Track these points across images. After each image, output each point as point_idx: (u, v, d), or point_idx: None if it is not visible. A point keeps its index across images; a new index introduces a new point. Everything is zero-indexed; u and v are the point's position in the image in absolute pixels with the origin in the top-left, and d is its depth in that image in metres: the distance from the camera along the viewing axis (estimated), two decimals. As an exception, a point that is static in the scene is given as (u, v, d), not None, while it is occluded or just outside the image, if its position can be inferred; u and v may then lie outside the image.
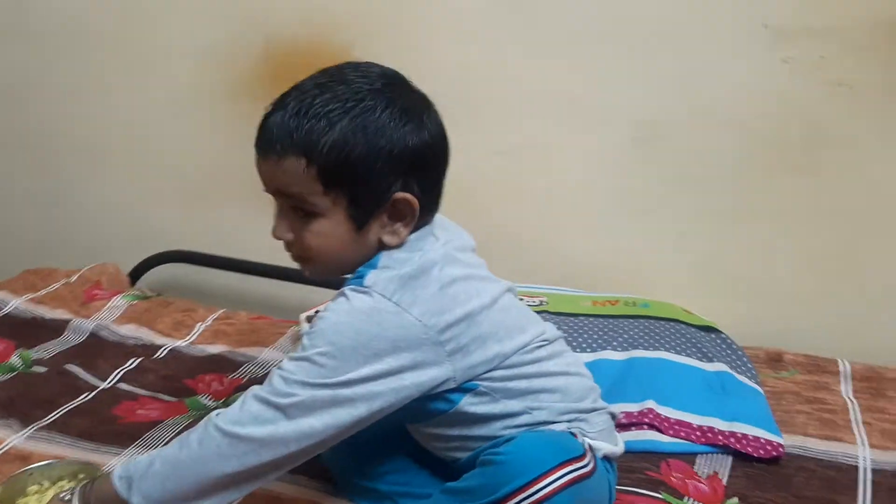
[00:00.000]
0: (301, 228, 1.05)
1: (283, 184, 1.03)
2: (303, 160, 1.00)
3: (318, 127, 1.00)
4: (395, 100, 1.02)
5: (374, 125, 1.00)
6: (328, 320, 1.01)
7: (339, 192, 1.02)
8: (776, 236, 1.72)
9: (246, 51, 1.95)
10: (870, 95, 1.60)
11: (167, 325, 1.81)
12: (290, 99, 1.03)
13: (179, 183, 2.12)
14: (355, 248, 1.05)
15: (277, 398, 0.98)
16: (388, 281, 1.01)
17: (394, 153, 1.01)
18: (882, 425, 1.44)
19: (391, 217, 1.04)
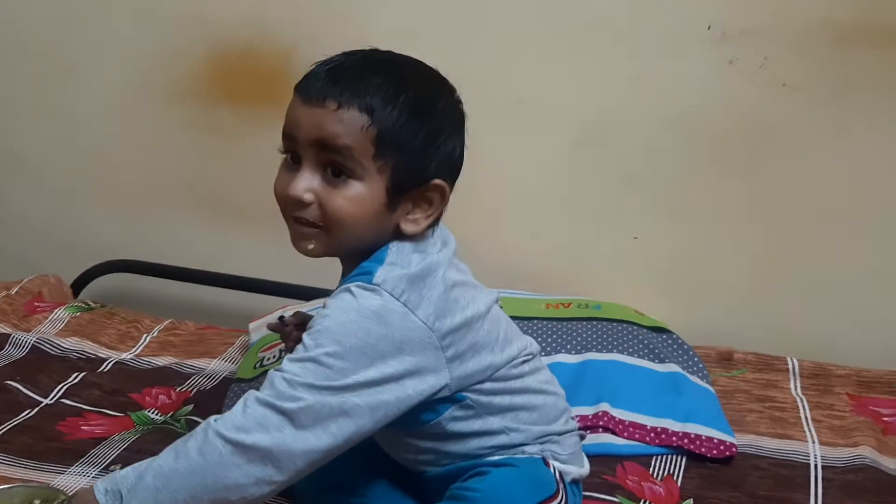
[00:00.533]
0: (330, 190, 0.97)
1: (333, 135, 0.95)
2: (366, 117, 0.94)
3: (392, 89, 0.95)
4: (448, 96, 1.02)
5: (442, 108, 0.99)
6: (334, 318, 0.95)
7: (388, 162, 0.96)
8: (724, 236, 1.74)
9: (185, 54, 1.92)
10: (813, 95, 1.63)
11: (111, 338, 1.77)
12: (354, 57, 0.98)
13: (120, 191, 2.07)
14: (378, 225, 0.99)
15: (282, 402, 0.91)
16: (398, 280, 0.96)
17: (448, 143, 0.99)
18: (831, 422, 1.47)
19: (417, 203, 1.00)
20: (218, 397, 1.52)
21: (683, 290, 1.78)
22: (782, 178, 1.68)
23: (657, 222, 1.76)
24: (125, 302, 2.03)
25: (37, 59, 2.03)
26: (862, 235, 1.68)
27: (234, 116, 1.93)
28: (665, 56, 1.67)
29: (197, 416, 1.47)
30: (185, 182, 2.02)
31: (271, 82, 1.87)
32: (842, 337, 1.71)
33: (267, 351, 1.60)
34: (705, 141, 1.69)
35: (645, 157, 1.73)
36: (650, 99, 1.70)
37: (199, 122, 1.96)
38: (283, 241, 1.95)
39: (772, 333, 1.73)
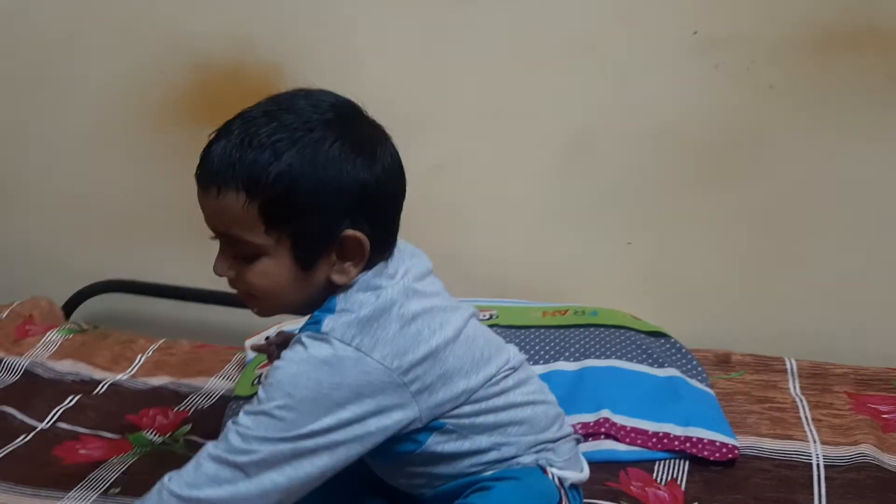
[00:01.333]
0: (243, 267, 0.98)
1: (223, 223, 0.97)
2: (243, 195, 0.93)
3: (262, 158, 0.93)
4: (346, 132, 0.97)
5: (323, 158, 0.94)
6: (285, 371, 0.95)
7: (283, 231, 0.96)
8: (718, 239, 1.74)
9: (171, 76, 1.91)
10: (798, 100, 1.63)
11: (106, 359, 1.76)
12: (235, 127, 0.96)
13: (110, 212, 2.06)
14: (302, 288, 0.99)
15: (235, 456, 0.93)
16: (347, 326, 0.96)
17: (343, 188, 0.95)
18: (831, 421, 1.46)
19: (340, 256, 0.98)
20: (216, 416, 1.51)
21: (678, 295, 1.78)
22: (772, 181, 1.69)
23: (650, 228, 1.76)
24: (118, 323, 2.02)
25: (20, 81, 2.02)
26: (851, 235, 1.69)
27: (222, 134, 1.92)
28: (651, 62, 1.67)
29: (195, 436, 1.46)
30: (174, 201, 2.00)
31: (258, 99, 1.86)
32: (837, 336, 1.71)
33: (265, 367, 1.59)
34: (694, 145, 1.70)
35: (635, 163, 1.74)
36: (638, 105, 1.70)
37: (187, 141, 1.92)
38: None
39: (768, 335, 1.74)
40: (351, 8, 1.78)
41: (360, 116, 1.01)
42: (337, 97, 1.01)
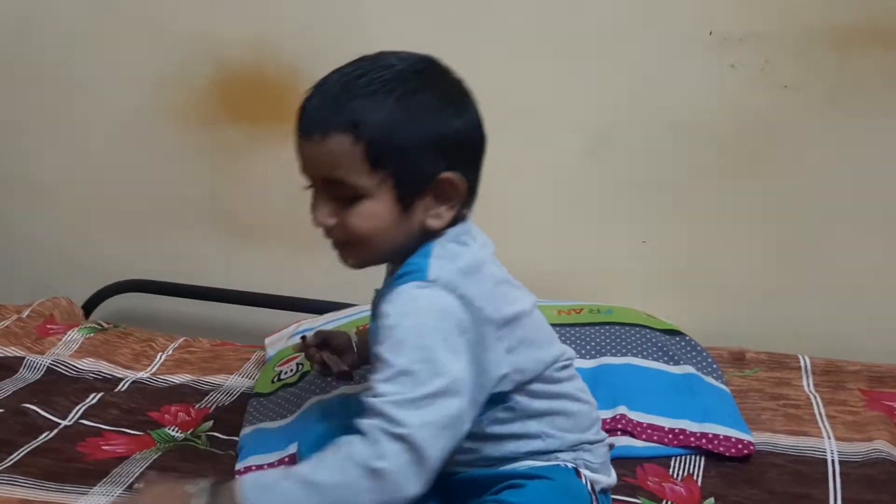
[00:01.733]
0: (345, 212, 1.00)
1: (327, 165, 0.98)
2: (349, 136, 0.96)
3: (364, 103, 0.97)
4: (437, 83, 1.01)
5: (420, 105, 0.98)
6: (404, 326, 0.95)
7: (386, 171, 0.98)
8: (731, 237, 1.76)
9: (193, 77, 1.93)
10: (813, 97, 1.65)
11: (127, 357, 1.77)
12: (331, 80, 1.00)
13: (130, 211, 2.08)
14: (400, 230, 1.01)
15: (398, 428, 0.90)
16: (451, 274, 0.98)
17: (440, 132, 0.99)
18: (845, 417, 1.47)
19: (436, 198, 1.01)
20: (237, 413, 1.52)
21: (692, 293, 1.79)
22: (787, 179, 1.70)
23: (664, 226, 1.78)
24: (137, 322, 2.04)
25: (44, 81, 2.05)
26: (866, 233, 1.70)
27: (243, 135, 1.94)
28: (667, 61, 1.69)
29: (217, 433, 1.48)
30: (195, 201, 2.03)
31: (278, 100, 1.89)
32: (851, 333, 1.73)
33: (284, 365, 1.61)
34: (710, 144, 1.71)
35: (650, 161, 1.75)
36: (654, 104, 1.71)
37: (209, 141, 1.97)
38: (294, 256, 2.00)
39: (782, 332, 1.75)
40: (369, 10, 1.80)
41: (445, 69, 1.05)
42: (420, 54, 1.04)
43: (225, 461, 1.39)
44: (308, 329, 1.69)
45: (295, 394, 1.51)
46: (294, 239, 1.98)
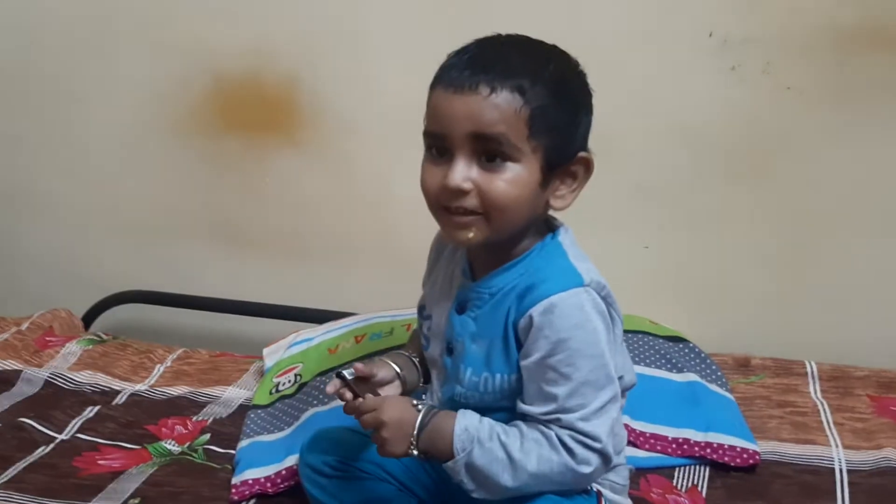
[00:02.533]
0: (489, 175, 0.96)
1: (488, 122, 0.94)
2: (518, 98, 0.94)
3: (535, 65, 0.95)
4: (575, 64, 1.02)
5: (575, 83, 0.99)
6: (577, 338, 0.97)
7: (540, 142, 0.96)
8: (735, 242, 1.73)
9: (193, 85, 1.91)
10: (817, 99, 1.62)
11: (125, 369, 1.76)
12: (489, 40, 0.99)
13: (129, 222, 2.07)
14: (533, 205, 1.00)
15: (594, 443, 0.98)
16: (595, 274, 1.02)
17: (587, 113, 1.00)
18: (853, 425, 1.45)
19: (563, 180, 1.01)
20: (235, 425, 1.51)
21: (696, 299, 1.76)
22: (790, 182, 1.67)
23: (667, 231, 1.75)
24: (137, 333, 2.02)
25: (44, 95, 2.03)
26: (872, 236, 1.67)
27: (241, 144, 1.93)
28: (669, 65, 1.66)
29: (214, 446, 1.46)
30: (193, 211, 2.02)
31: (276, 110, 1.87)
32: (859, 338, 1.69)
33: (282, 376, 1.60)
34: (711, 148, 1.69)
35: (651, 165, 1.72)
36: (655, 108, 1.69)
37: (207, 151, 1.96)
38: (292, 266, 1.98)
39: (788, 337, 1.72)
40: (367, 19, 1.78)
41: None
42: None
43: (221, 475, 1.38)
44: (308, 340, 1.67)
45: (293, 405, 1.49)
46: (292, 249, 1.96)
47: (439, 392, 1.10)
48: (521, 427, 1.00)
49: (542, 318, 0.97)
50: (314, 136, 1.87)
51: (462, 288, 1.08)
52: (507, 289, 1.03)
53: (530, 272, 1.02)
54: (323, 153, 1.88)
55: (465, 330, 1.06)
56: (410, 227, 1.91)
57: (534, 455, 0.98)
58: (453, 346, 1.07)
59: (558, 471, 0.98)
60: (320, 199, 1.92)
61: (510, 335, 1.01)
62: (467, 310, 1.06)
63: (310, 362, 1.60)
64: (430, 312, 1.14)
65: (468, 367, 1.05)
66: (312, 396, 1.48)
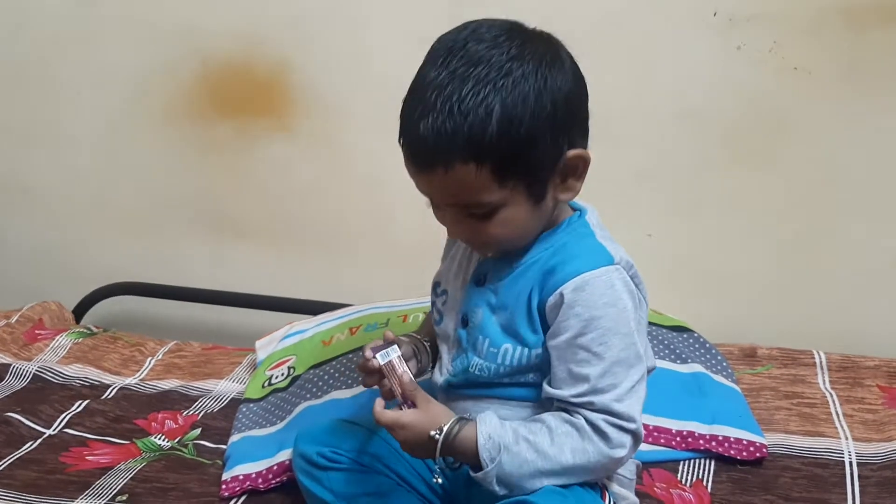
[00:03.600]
0: (482, 225, 0.99)
1: (455, 193, 0.96)
2: (472, 164, 0.93)
3: (478, 121, 0.91)
4: (532, 55, 0.95)
5: (528, 91, 0.93)
6: (608, 316, 0.97)
7: (515, 180, 0.96)
8: (741, 228, 1.69)
9: (180, 70, 1.87)
10: (825, 79, 1.58)
11: (115, 363, 1.73)
12: (433, 98, 0.93)
13: (119, 212, 2.03)
14: (538, 220, 1.01)
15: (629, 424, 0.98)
16: (622, 253, 1.02)
17: (555, 111, 0.95)
18: (863, 416, 1.41)
19: (563, 176, 0.99)
20: (226, 419, 1.48)
21: (701, 287, 1.72)
22: (798, 166, 1.63)
23: (671, 217, 1.71)
24: (129, 325, 1.99)
25: (29, 82, 1.99)
26: (883, 221, 1.63)
27: (232, 131, 1.89)
28: (671, 45, 1.62)
29: (205, 440, 1.43)
30: (185, 200, 1.98)
31: (267, 94, 1.83)
32: (869, 326, 1.66)
33: (275, 369, 1.56)
34: (716, 130, 1.64)
35: (654, 150, 1.68)
36: (657, 89, 1.65)
37: (196, 138, 1.92)
38: (286, 256, 1.94)
39: (796, 327, 1.68)
40: (361, 1, 1.74)
41: (528, 31, 0.99)
42: (499, 26, 0.98)
43: (211, 471, 1.34)
44: (301, 332, 1.63)
45: (285, 399, 1.46)
46: (286, 237, 1.93)
47: (450, 366, 1.08)
48: (546, 422, 0.99)
49: (573, 295, 0.97)
50: (307, 122, 1.83)
51: (482, 261, 1.08)
52: (530, 262, 1.03)
53: (556, 248, 1.02)
54: (316, 139, 1.84)
55: (483, 300, 1.05)
56: (406, 214, 1.89)
57: (567, 449, 0.97)
58: (469, 317, 1.06)
59: (595, 460, 0.97)
60: (313, 187, 1.88)
61: (533, 309, 1.01)
62: (487, 282, 1.06)
63: (303, 355, 1.56)
64: (445, 288, 1.13)
65: (486, 337, 1.04)
66: (305, 390, 1.44)
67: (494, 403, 1.05)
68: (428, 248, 1.27)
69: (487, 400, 1.05)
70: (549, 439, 0.97)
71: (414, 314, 1.55)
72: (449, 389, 1.09)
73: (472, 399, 1.07)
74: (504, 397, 1.05)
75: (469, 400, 1.07)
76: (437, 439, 0.99)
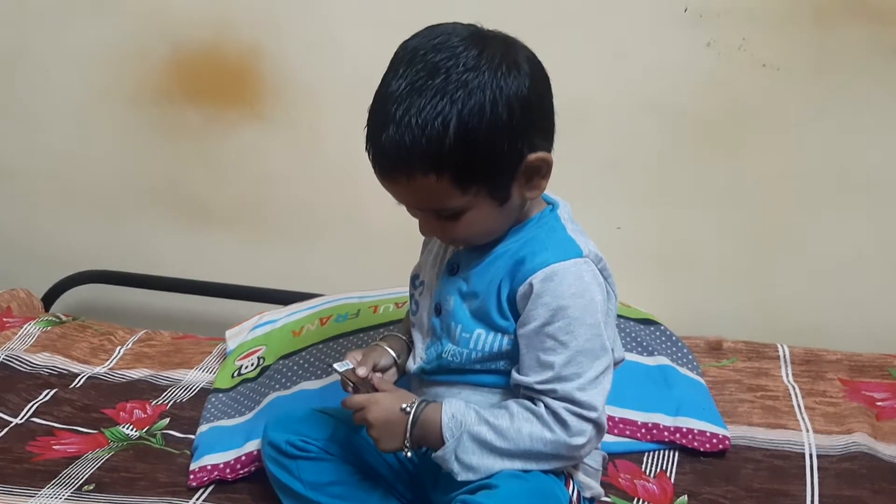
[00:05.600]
0: (449, 225, 1.02)
1: (419, 200, 1.01)
2: (431, 175, 0.96)
3: (435, 133, 0.94)
4: (488, 62, 0.96)
5: (483, 101, 0.95)
6: (575, 307, 0.99)
7: (478, 186, 0.98)
8: (709, 222, 1.71)
9: (150, 54, 1.86)
10: (792, 75, 1.59)
11: (84, 352, 1.71)
12: (393, 110, 0.95)
13: (89, 198, 2.01)
14: (505, 217, 1.04)
15: (590, 413, 1.00)
16: (592, 246, 1.05)
17: (514, 117, 0.96)
18: (824, 409, 1.44)
19: (527, 177, 1.01)
20: (195, 409, 1.48)
21: (668, 281, 1.74)
22: (765, 160, 1.65)
23: (640, 210, 1.72)
24: (98, 314, 1.97)
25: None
26: (848, 216, 1.65)
27: (203, 117, 1.87)
28: (642, 40, 1.63)
29: (173, 430, 1.43)
30: (155, 186, 1.97)
31: (239, 81, 1.82)
32: (832, 321, 1.68)
33: (245, 359, 1.56)
34: (685, 125, 1.66)
35: (623, 144, 1.69)
36: (627, 84, 1.65)
37: (167, 123, 1.90)
38: (257, 244, 1.94)
39: (761, 320, 1.70)
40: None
41: (487, 37, 1.00)
42: (457, 31, 1.00)
43: (179, 461, 1.34)
44: (271, 322, 1.63)
45: (254, 389, 1.46)
46: (257, 226, 1.92)
47: (423, 353, 1.11)
48: (509, 407, 1.02)
49: (542, 285, 1.00)
50: (278, 107, 1.82)
51: (456, 252, 1.11)
52: (500, 252, 1.05)
53: (527, 241, 1.05)
54: (287, 124, 1.83)
55: (454, 289, 1.07)
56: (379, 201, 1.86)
57: (525, 433, 1.00)
58: (442, 305, 1.09)
59: (552, 447, 1.00)
60: (285, 174, 1.87)
61: (503, 298, 1.03)
62: (459, 271, 1.09)
63: (273, 345, 1.56)
64: (423, 279, 1.16)
65: (459, 323, 1.06)
66: (275, 380, 1.44)
67: (466, 389, 1.08)
68: (400, 237, 1.28)
69: (459, 386, 1.08)
70: (508, 422, 1.00)
71: (385, 305, 1.55)
72: (422, 376, 1.11)
73: (444, 385, 1.09)
74: (475, 384, 1.08)
75: (441, 386, 1.10)
76: (409, 412, 1.03)
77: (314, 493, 1.14)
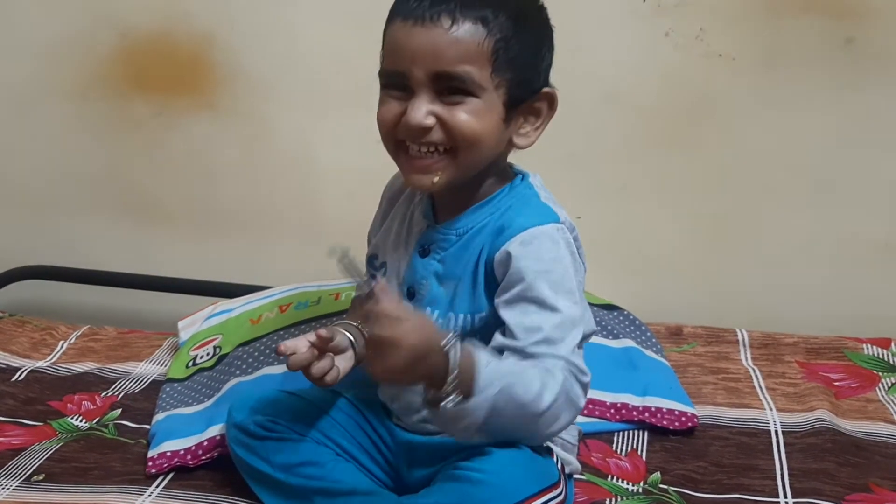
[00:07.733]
0: (451, 109, 0.95)
1: (451, 60, 0.92)
2: (481, 28, 0.91)
3: None
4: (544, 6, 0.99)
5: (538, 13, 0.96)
6: (556, 271, 0.97)
7: (505, 75, 0.94)
8: (666, 210, 1.72)
9: (95, 45, 1.80)
10: (748, 65, 1.62)
11: (24, 346, 1.64)
12: None
13: (29, 192, 1.93)
14: (496, 143, 0.99)
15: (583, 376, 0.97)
16: (565, 214, 1.03)
17: (549, 46, 0.96)
18: (785, 389, 1.46)
19: (526, 118, 1.00)
20: (148, 400, 1.42)
21: (629, 268, 1.74)
22: (721, 150, 1.67)
23: (598, 200, 1.72)
24: (38, 311, 1.88)
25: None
26: (800, 205, 1.68)
27: (151, 108, 1.82)
28: (600, 29, 1.64)
29: (126, 421, 1.37)
30: (98, 180, 1.90)
31: (189, 70, 1.78)
32: (787, 305, 1.71)
33: (199, 349, 1.50)
34: (642, 115, 1.67)
35: (582, 134, 1.69)
36: (585, 74, 1.66)
37: (113, 116, 1.84)
38: (207, 238, 1.88)
39: (719, 306, 1.72)
40: (286, -25, 1.71)
41: None
42: None
43: (135, 450, 1.28)
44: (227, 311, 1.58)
45: (212, 377, 1.41)
46: (209, 219, 1.87)
47: None
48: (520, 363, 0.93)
49: (520, 248, 0.97)
50: (230, 98, 1.78)
51: (426, 231, 1.06)
52: (476, 228, 1.03)
53: (501, 211, 1.02)
54: (239, 116, 1.79)
55: (429, 271, 1.04)
56: (334, 194, 1.85)
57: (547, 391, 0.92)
58: (416, 289, 1.05)
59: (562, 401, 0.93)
60: (237, 166, 1.83)
61: (480, 273, 1.00)
62: (432, 252, 1.04)
63: (229, 334, 1.51)
64: (384, 260, 1.11)
65: (435, 308, 1.03)
66: (235, 367, 1.39)
67: None
68: (357, 228, 1.24)
69: None
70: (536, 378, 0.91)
71: (347, 292, 1.52)
72: None
73: None
74: None
75: None
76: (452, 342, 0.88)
77: (283, 475, 1.08)
